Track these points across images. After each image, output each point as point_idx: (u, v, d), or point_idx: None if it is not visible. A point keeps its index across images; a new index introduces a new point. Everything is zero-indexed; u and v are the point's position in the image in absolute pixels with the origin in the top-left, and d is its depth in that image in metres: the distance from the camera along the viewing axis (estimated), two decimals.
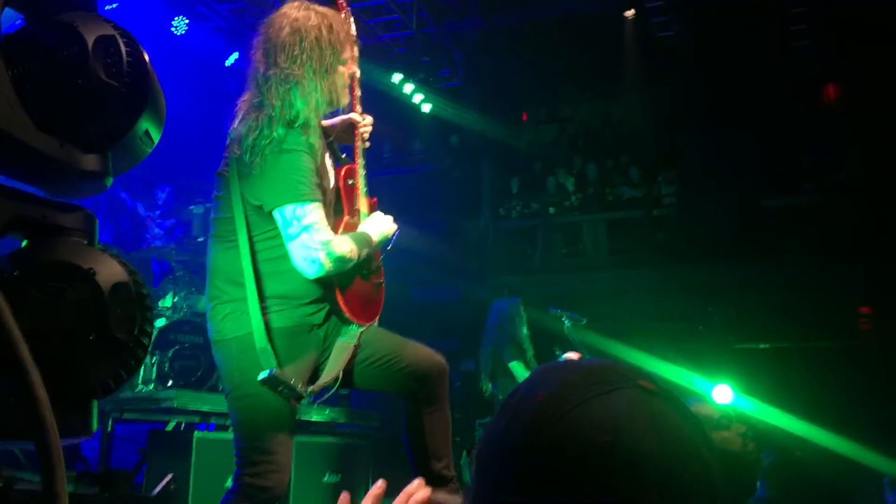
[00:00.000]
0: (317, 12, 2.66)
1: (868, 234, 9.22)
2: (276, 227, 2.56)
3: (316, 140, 2.63)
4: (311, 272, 2.53)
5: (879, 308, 8.94)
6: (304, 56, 2.58)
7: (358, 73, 2.87)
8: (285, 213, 2.51)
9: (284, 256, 2.56)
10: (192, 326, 5.57)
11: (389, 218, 2.89)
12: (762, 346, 9.38)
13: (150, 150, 1.33)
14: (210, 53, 9.05)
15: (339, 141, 3.00)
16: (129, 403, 4.82)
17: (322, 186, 2.61)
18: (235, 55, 9.21)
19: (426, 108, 10.62)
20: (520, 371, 6.53)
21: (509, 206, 11.96)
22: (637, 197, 11.35)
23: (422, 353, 2.81)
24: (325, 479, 5.73)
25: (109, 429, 4.69)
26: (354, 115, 2.96)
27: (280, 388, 2.50)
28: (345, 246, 2.59)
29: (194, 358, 5.38)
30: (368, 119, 3.00)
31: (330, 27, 2.65)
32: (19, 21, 1.19)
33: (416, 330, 2.96)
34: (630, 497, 0.74)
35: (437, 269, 10.83)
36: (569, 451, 0.76)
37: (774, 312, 9.54)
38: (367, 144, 2.99)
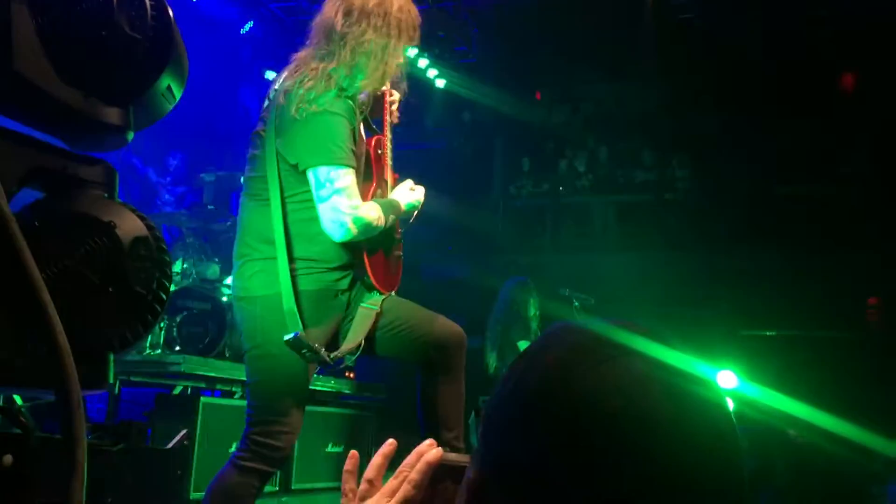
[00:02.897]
0: None
1: (878, 224, 9.18)
2: (309, 190, 2.58)
3: (357, 109, 2.67)
4: (337, 235, 2.57)
5: (888, 298, 8.92)
6: (384, 30, 2.65)
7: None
8: (319, 175, 2.55)
9: (315, 219, 2.59)
10: (201, 293, 5.59)
11: (421, 189, 2.94)
12: (769, 333, 9.37)
13: (171, 107, 1.33)
14: (224, 22, 9.01)
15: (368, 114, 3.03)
16: (137, 367, 4.85)
17: (356, 153, 2.64)
18: (250, 24, 9.17)
19: (440, 83, 10.57)
20: None
21: (520, 185, 11.94)
22: (649, 180, 11.32)
23: (441, 322, 2.84)
24: (329, 448, 5.77)
25: (116, 391, 4.73)
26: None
27: (304, 351, 2.53)
28: (372, 213, 2.63)
29: (202, 324, 5.41)
30: (396, 95, 3.04)
31: (409, 12, 2.73)
32: None
33: (423, 306, 2.97)
34: (640, 467, 0.70)
35: (445, 246, 10.83)
36: (576, 417, 0.73)
37: (782, 300, 9.51)
38: (397, 120, 3.02)
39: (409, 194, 2.88)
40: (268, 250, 2.60)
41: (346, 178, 2.55)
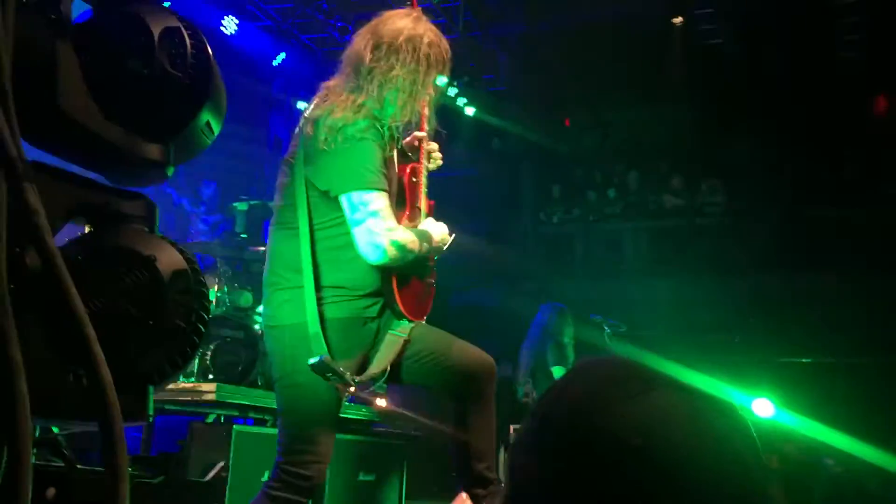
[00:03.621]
0: (432, 30, 2.75)
1: None
2: (339, 216, 2.60)
3: (388, 136, 2.68)
4: (374, 258, 2.56)
5: None
6: (413, 66, 2.65)
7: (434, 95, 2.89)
8: (352, 199, 2.55)
9: (344, 247, 2.59)
10: (234, 321, 5.62)
11: (444, 226, 2.92)
12: (805, 360, 9.23)
13: (210, 142, 1.35)
14: (257, 53, 9.15)
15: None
16: (170, 395, 4.87)
17: (388, 177, 2.65)
18: (283, 55, 9.30)
19: (469, 111, 10.63)
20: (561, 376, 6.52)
21: (550, 212, 11.93)
22: (679, 205, 11.26)
23: (471, 352, 2.82)
24: (360, 477, 5.76)
25: (151, 420, 4.75)
26: (419, 133, 2.98)
27: (329, 375, 2.53)
28: (408, 236, 2.63)
29: (235, 353, 5.43)
30: (434, 145, 3.03)
31: (439, 47, 2.73)
32: (88, 11, 1.22)
33: (452, 334, 2.96)
34: (664, 496, 0.71)
35: (475, 274, 10.82)
36: (597, 453, 0.74)
37: (818, 326, 9.38)
38: (433, 167, 3.03)
39: (438, 228, 2.88)
40: (296, 279, 2.61)
41: (380, 201, 2.55)
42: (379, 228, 2.54)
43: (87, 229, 1.21)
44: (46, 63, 1.05)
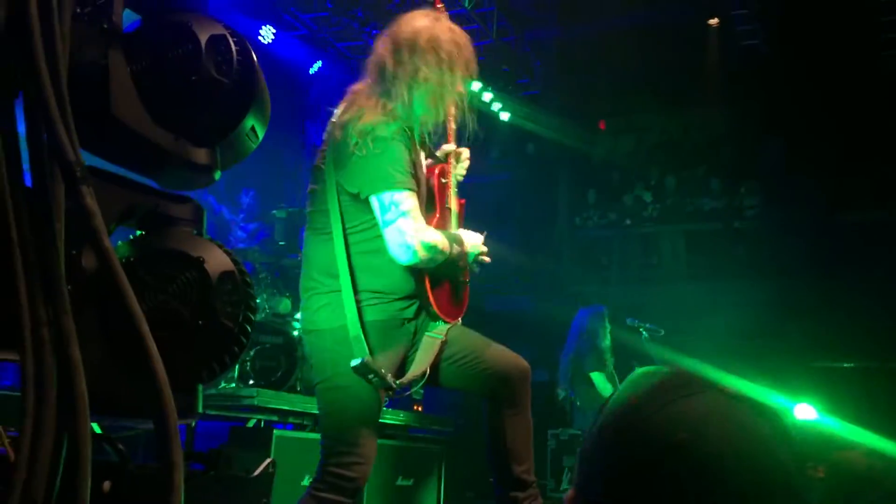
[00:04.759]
0: (453, 28, 2.75)
1: None
2: (371, 219, 2.61)
3: (416, 138, 2.71)
4: (404, 258, 2.57)
5: None
6: (437, 66, 2.65)
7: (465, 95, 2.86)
8: (383, 199, 2.56)
9: (379, 251, 2.61)
10: (273, 327, 5.68)
11: (478, 236, 2.92)
12: (846, 364, 9.08)
13: (255, 146, 1.38)
14: (293, 62, 9.24)
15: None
16: (211, 400, 4.94)
17: (417, 179, 2.66)
18: (319, 64, 9.39)
19: (504, 116, 10.64)
20: (600, 381, 6.49)
21: (586, 216, 11.89)
22: (717, 208, 11.16)
23: (506, 355, 2.83)
24: (399, 482, 5.78)
25: (193, 424, 4.82)
26: (447, 147, 2.99)
27: (371, 376, 2.55)
28: (438, 237, 2.64)
29: (275, 358, 5.49)
30: (465, 153, 3.04)
31: (462, 45, 2.72)
32: (137, 21, 1.25)
33: (489, 339, 2.97)
34: (703, 495, 0.79)
35: (511, 279, 10.82)
36: (650, 448, 0.84)
37: (859, 330, 9.23)
38: (462, 169, 3.03)
39: (469, 236, 2.87)
40: (333, 283, 2.63)
41: (410, 201, 2.57)
42: (409, 228, 2.54)
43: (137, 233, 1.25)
44: (99, 71, 1.09)
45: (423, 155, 2.82)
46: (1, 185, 0.92)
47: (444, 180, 2.90)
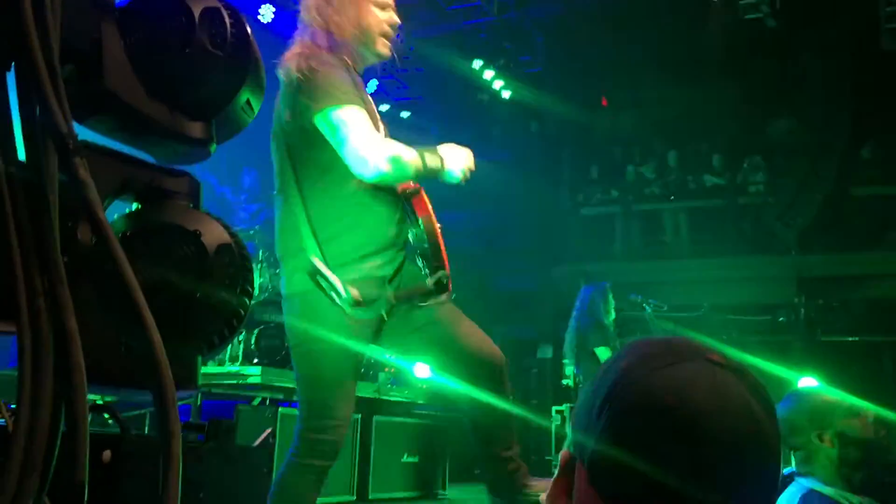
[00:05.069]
0: None
1: None
2: (323, 175, 2.56)
3: (349, 64, 2.68)
4: (368, 174, 2.49)
5: None
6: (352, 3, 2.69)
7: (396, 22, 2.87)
8: (331, 118, 2.49)
9: (336, 203, 2.56)
10: (277, 306, 5.67)
11: (464, 151, 2.73)
12: (851, 339, 9.10)
13: (250, 119, 1.38)
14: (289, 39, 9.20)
15: None
16: (217, 379, 4.98)
17: (364, 99, 2.61)
18: None
19: (506, 94, 10.60)
20: (605, 356, 6.51)
21: (589, 193, 11.87)
22: (720, 185, 11.13)
23: (487, 343, 2.80)
24: (405, 458, 5.82)
25: (199, 402, 4.86)
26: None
27: (319, 278, 2.50)
28: (400, 147, 2.54)
29: (278, 337, 5.52)
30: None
31: None
32: None
33: (493, 317, 2.97)
34: (689, 450, 0.87)
35: (515, 257, 10.82)
36: (641, 411, 0.90)
37: (864, 305, 9.24)
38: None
39: (454, 152, 2.69)
40: (299, 245, 2.57)
41: (359, 114, 2.49)
42: (363, 141, 2.46)
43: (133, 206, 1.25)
44: (92, 43, 1.09)
45: (366, 92, 2.76)
46: None
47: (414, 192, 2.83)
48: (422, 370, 6.15)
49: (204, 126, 1.25)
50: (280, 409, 4.69)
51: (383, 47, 2.81)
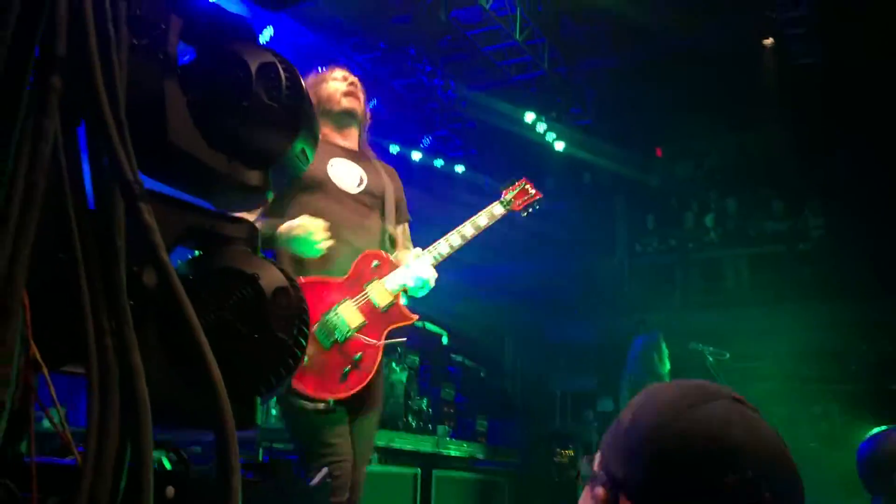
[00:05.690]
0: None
1: None
2: None
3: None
4: None
5: None
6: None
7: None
8: None
9: None
10: None
11: (307, 222, 2.86)
12: None
13: (305, 168, 1.43)
14: None
15: None
16: (277, 434, 5.01)
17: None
18: (373, 102, 9.56)
19: (559, 146, 10.65)
20: None
21: (646, 243, 11.79)
22: (781, 230, 10.96)
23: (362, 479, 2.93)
24: None
25: (260, 457, 4.89)
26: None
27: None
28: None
29: None
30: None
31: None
32: (192, 52, 1.32)
33: (552, 368, 2.95)
34: (736, 478, 0.95)
35: (572, 308, 10.75)
36: (690, 443, 0.99)
37: None
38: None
39: (297, 222, 2.87)
40: None
41: None
42: None
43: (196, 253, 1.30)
44: (156, 97, 1.15)
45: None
46: (66, 207, 0.97)
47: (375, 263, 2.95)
48: None
49: (261, 174, 1.30)
50: None
51: (347, 102, 3.14)
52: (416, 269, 2.95)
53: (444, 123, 10.22)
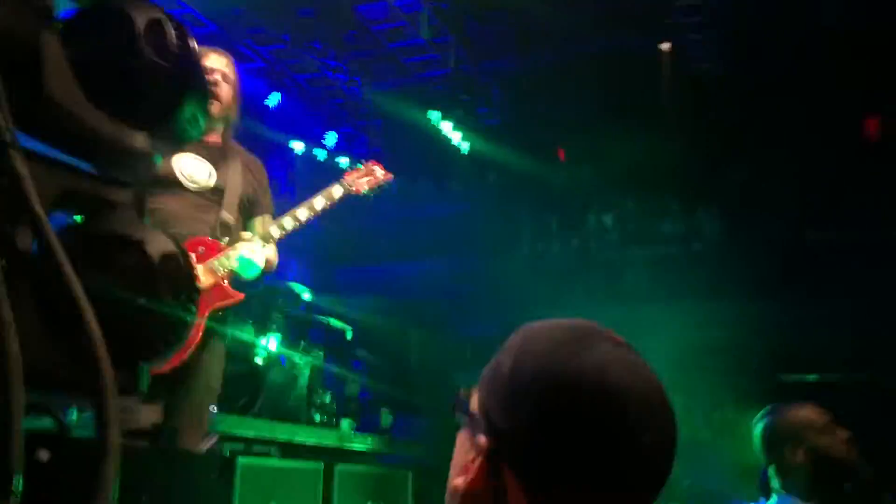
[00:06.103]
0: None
1: None
2: None
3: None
4: None
5: None
6: None
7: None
8: None
9: None
10: (236, 355, 5.63)
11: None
12: (809, 378, 9.21)
13: (196, 135, 1.38)
14: (249, 94, 9.23)
15: None
16: None
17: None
18: (277, 96, 9.39)
19: (464, 146, 10.71)
20: None
21: (548, 243, 11.97)
22: (677, 232, 11.31)
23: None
24: None
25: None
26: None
27: None
28: None
29: (237, 386, 5.45)
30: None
31: None
32: (73, 9, 1.26)
33: (457, 364, 2.96)
34: (618, 419, 1.00)
35: (476, 305, 10.82)
36: (575, 390, 1.02)
37: (822, 344, 9.35)
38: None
39: None
40: None
41: None
42: None
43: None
44: (32, 49, 1.09)
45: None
46: None
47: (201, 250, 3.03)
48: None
49: (147, 137, 1.25)
50: (240, 458, 4.60)
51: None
52: (240, 250, 3.15)
53: (348, 120, 10.14)
